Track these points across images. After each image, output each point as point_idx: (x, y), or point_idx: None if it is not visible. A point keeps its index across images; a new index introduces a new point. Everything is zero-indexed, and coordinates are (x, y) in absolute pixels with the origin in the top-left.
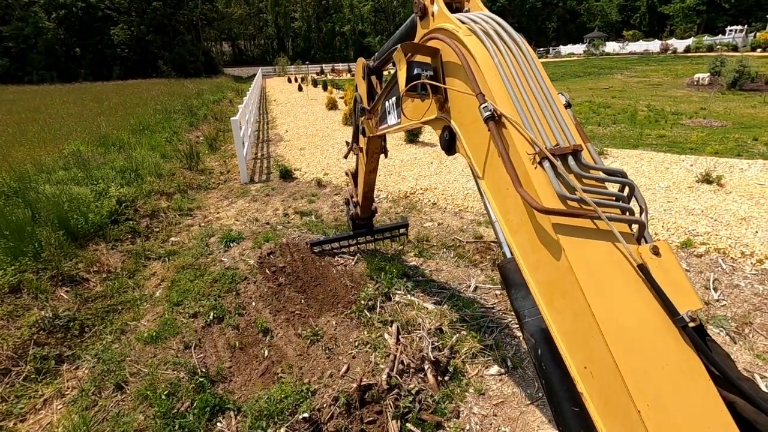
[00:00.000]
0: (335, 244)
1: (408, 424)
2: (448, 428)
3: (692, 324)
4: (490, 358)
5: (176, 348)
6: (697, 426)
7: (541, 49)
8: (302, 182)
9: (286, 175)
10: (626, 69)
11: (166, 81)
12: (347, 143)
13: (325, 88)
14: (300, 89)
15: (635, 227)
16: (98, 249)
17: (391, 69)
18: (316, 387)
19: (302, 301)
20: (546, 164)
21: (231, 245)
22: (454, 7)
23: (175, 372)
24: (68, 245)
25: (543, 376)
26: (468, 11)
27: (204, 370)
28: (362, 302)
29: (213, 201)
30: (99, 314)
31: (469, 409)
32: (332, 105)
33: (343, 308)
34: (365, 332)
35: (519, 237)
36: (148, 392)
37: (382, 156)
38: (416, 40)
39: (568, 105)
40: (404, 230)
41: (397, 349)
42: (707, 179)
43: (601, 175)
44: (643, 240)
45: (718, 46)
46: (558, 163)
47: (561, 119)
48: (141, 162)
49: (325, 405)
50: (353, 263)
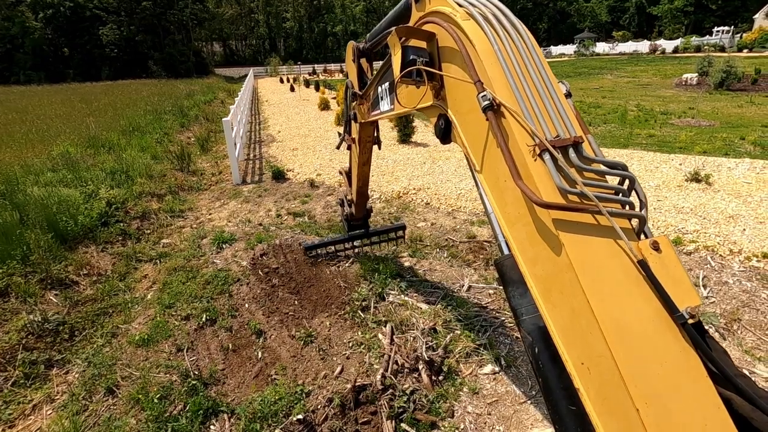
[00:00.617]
0: (330, 248)
1: (403, 424)
2: (443, 428)
3: (691, 321)
4: (484, 357)
5: (168, 351)
6: (695, 424)
7: None
8: (295, 183)
9: (279, 176)
10: (616, 69)
11: (157, 81)
12: (339, 134)
13: (318, 89)
14: (292, 90)
15: (635, 221)
16: (88, 251)
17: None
18: (311, 388)
19: (296, 302)
20: (546, 156)
21: (223, 247)
22: None
23: (168, 375)
24: (57, 248)
25: (540, 375)
26: None
27: (197, 373)
28: (356, 303)
29: (205, 202)
30: (89, 317)
31: (464, 408)
32: (324, 105)
33: (337, 309)
34: (359, 333)
35: (516, 230)
36: (140, 396)
37: (375, 155)
38: (411, 23)
39: (569, 94)
40: (401, 233)
41: (392, 350)
42: (696, 178)
43: (602, 168)
44: (643, 235)
45: (706, 47)
46: (559, 156)
47: (561, 109)
48: (131, 163)
49: (320, 406)
50: (347, 264)
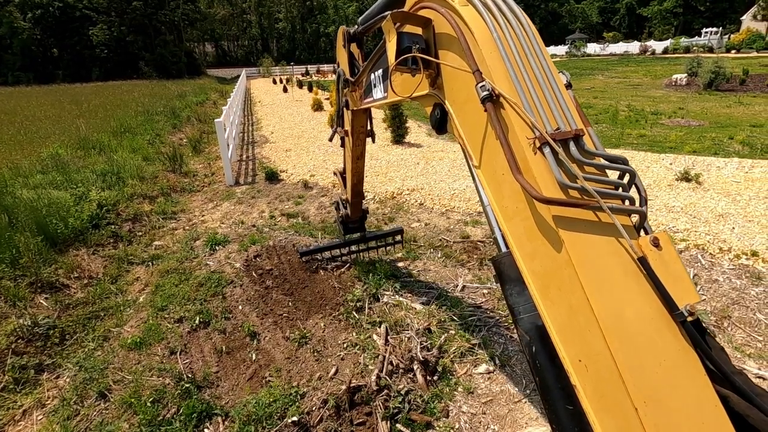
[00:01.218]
0: (327, 254)
1: (398, 425)
2: (438, 428)
3: (690, 318)
4: (479, 357)
5: (161, 354)
6: (693, 423)
7: None
8: (288, 184)
9: (272, 177)
10: (607, 70)
11: (148, 82)
12: (332, 125)
13: (311, 89)
14: (285, 90)
15: (635, 216)
16: (79, 254)
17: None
18: (305, 390)
19: (290, 304)
20: (546, 150)
21: (216, 248)
22: None
23: (161, 378)
24: (47, 251)
25: (537, 374)
26: None
27: (190, 376)
28: (350, 304)
29: (197, 204)
30: (80, 321)
31: (459, 408)
32: (318, 106)
33: (332, 310)
34: (354, 334)
35: (514, 225)
36: (133, 400)
37: (369, 155)
38: (406, 8)
39: (569, 85)
40: (399, 237)
41: (386, 350)
42: (686, 177)
43: (603, 162)
44: (643, 231)
45: (695, 48)
46: (559, 150)
47: (562, 101)
48: (122, 165)
49: (314, 408)
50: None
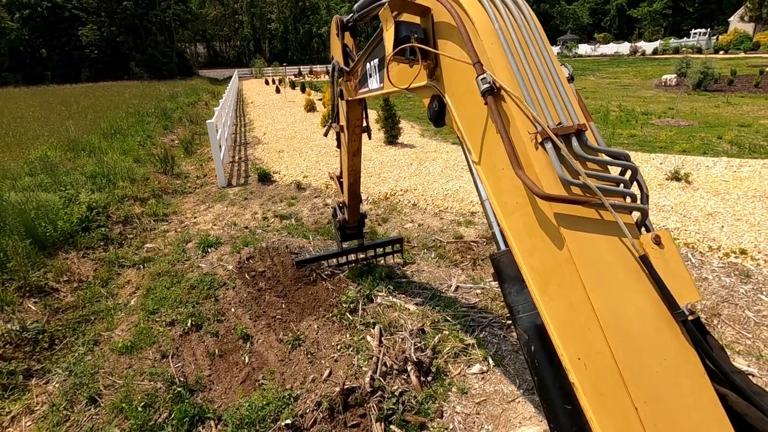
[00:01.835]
0: (324, 264)
1: (392, 426)
2: (432, 428)
3: (691, 317)
4: (472, 357)
5: (153, 358)
6: (693, 422)
7: None
8: (281, 185)
9: (265, 178)
10: (598, 70)
11: (139, 83)
12: (325, 125)
13: (303, 90)
14: (278, 91)
15: (636, 213)
16: (68, 257)
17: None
18: (299, 392)
19: (283, 306)
20: (548, 145)
21: (209, 250)
22: None
23: (152, 382)
24: (36, 254)
25: (535, 373)
26: None
27: (182, 380)
28: (344, 305)
29: (189, 206)
30: (70, 325)
31: (452, 409)
32: (310, 107)
33: (325, 312)
34: (347, 335)
35: (513, 220)
36: (124, 404)
37: (362, 156)
38: None
39: (571, 78)
40: (398, 246)
41: (380, 351)
42: (676, 177)
43: (605, 158)
44: (644, 228)
45: (684, 48)
46: (561, 145)
47: (564, 94)
48: (113, 167)
49: (308, 410)
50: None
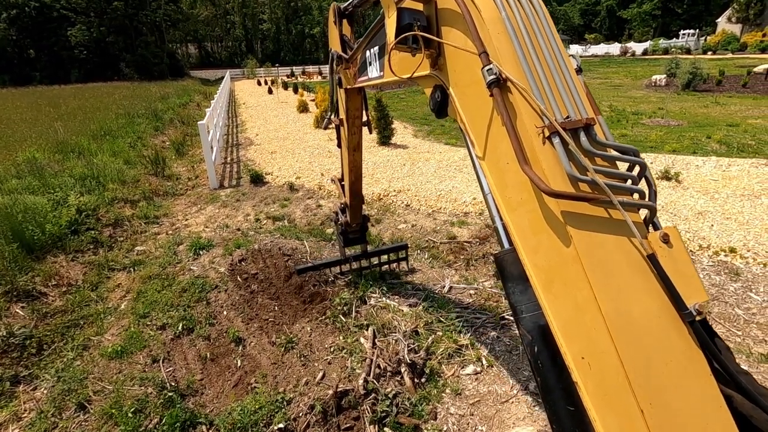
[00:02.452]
0: (327, 271)
1: (386, 429)
2: (426, 430)
3: (698, 317)
4: (466, 358)
5: (143, 362)
6: (698, 425)
7: None
8: (274, 186)
9: (257, 180)
10: (589, 71)
11: (129, 84)
12: (324, 114)
13: (296, 91)
14: (270, 92)
15: (644, 210)
16: (57, 261)
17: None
18: (292, 396)
19: (276, 308)
20: (556, 140)
21: (200, 253)
22: None
23: (143, 387)
24: (23, 258)
25: (538, 374)
26: None
27: (173, 384)
28: (337, 307)
29: (181, 208)
30: (59, 330)
31: (446, 410)
32: (303, 108)
33: (318, 314)
34: (341, 337)
35: (518, 216)
36: (113, 410)
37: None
38: None
39: (579, 70)
40: (404, 253)
41: (374, 353)
42: (666, 176)
43: (613, 154)
44: (652, 226)
45: (673, 49)
46: (570, 140)
47: (573, 87)
48: (103, 169)
49: (301, 414)
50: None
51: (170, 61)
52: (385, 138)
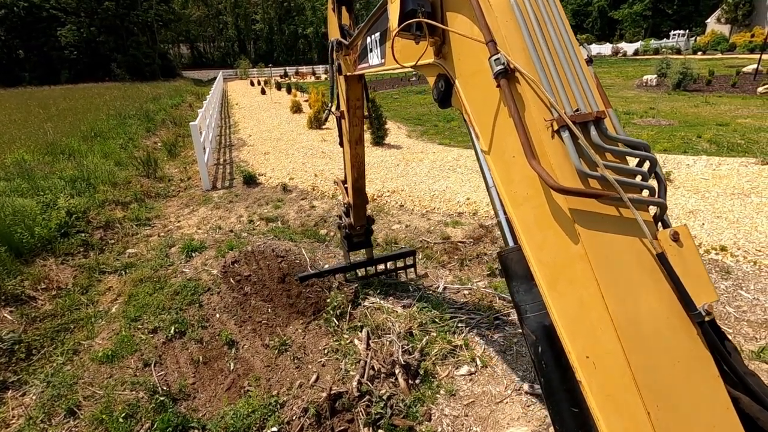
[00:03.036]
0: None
1: (380, 431)
2: None
3: (708, 318)
4: (460, 359)
5: (134, 366)
6: (705, 426)
7: None
8: (267, 187)
9: (250, 181)
10: None
11: (120, 85)
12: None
13: (289, 91)
14: (263, 92)
15: (654, 207)
16: (46, 264)
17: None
18: (285, 399)
19: (269, 310)
20: (565, 134)
21: (193, 255)
22: None
23: (134, 392)
24: (11, 262)
25: (542, 375)
26: None
27: (165, 388)
28: (331, 311)
29: (173, 209)
30: (48, 335)
31: (441, 411)
32: (297, 108)
33: (312, 316)
34: (334, 339)
35: (523, 211)
36: (104, 416)
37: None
38: None
39: (590, 61)
40: (411, 259)
41: (368, 355)
42: None
43: (624, 149)
44: (661, 223)
45: (664, 49)
46: (579, 134)
47: (583, 78)
48: (93, 170)
49: (295, 417)
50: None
51: (162, 62)
52: (379, 138)
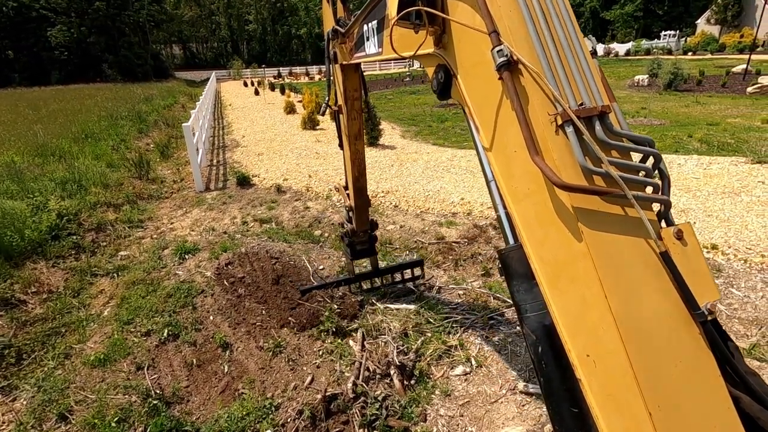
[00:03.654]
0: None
1: None
2: None
3: (710, 317)
4: (455, 359)
5: (127, 370)
6: (705, 426)
7: None
8: (261, 189)
9: (244, 182)
10: None
11: (112, 86)
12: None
13: (283, 92)
14: (256, 93)
15: (658, 204)
16: (37, 268)
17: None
18: (280, 401)
19: (263, 312)
20: (569, 129)
21: (186, 257)
22: None
23: (127, 396)
24: (1, 265)
25: (542, 375)
26: None
27: (158, 392)
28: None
29: (166, 211)
30: (39, 339)
31: (436, 412)
32: (290, 109)
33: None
34: (329, 340)
35: (523, 207)
36: (96, 420)
37: (340, 157)
38: None
39: (594, 53)
40: (418, 270)
41: (363, 356)
42: None
43: (628, 145)
44: (665, 221)
45: (655, 50)
46: (584, 130)
47: (588, 71)
48: (84, 172)
49: (289, 419)
50: (318, 269)
51: (154, 63)
52: (373, 139)
